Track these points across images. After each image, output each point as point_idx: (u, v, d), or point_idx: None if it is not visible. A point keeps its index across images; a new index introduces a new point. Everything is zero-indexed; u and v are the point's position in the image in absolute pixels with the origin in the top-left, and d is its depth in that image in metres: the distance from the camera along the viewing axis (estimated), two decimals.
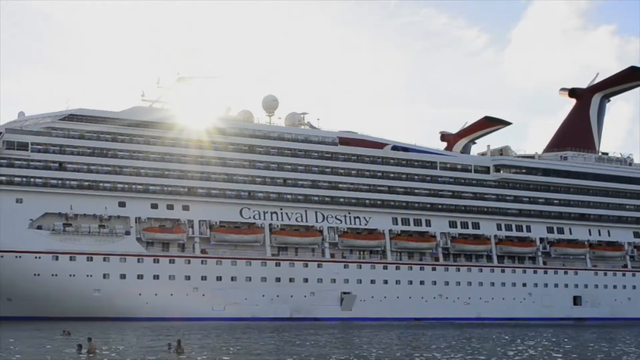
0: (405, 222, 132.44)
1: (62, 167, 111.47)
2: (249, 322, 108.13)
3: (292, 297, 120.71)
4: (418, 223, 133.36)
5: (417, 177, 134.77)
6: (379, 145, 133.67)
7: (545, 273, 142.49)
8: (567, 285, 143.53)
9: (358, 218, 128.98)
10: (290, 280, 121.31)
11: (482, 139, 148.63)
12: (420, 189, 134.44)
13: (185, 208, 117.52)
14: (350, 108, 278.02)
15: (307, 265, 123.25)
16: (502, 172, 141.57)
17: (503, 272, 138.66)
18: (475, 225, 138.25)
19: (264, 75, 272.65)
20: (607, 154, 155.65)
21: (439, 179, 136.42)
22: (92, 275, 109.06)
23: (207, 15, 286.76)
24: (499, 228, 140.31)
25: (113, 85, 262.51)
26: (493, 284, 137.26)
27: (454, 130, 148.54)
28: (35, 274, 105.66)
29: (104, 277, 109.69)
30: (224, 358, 52.87)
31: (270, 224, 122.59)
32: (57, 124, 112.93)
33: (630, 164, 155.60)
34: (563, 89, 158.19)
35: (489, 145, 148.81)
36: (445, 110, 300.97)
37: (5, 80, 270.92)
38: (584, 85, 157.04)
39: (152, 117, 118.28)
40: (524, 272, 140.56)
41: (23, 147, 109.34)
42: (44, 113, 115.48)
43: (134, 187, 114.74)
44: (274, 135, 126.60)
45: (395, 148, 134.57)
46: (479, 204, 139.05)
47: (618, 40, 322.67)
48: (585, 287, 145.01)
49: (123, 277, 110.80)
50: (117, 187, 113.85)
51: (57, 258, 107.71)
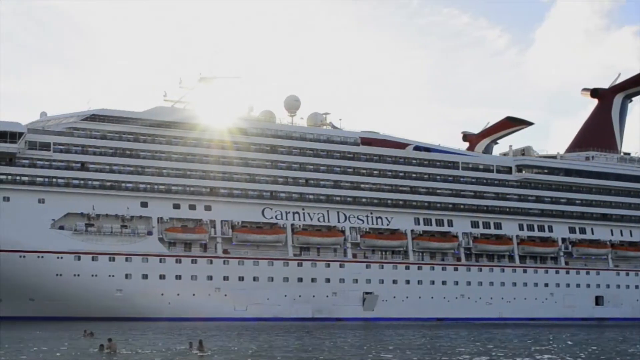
0: (428, 222, 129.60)
1: (84, 167, 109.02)
2: (271, 322, 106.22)
3: (314, 297, 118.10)
4: (440, 223, 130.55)
5: (439, 177, 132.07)
6: (401, 146, 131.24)
7: (567, 273, 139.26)
8: (589, 286, 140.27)
9: (380, 218, 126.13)
10: (313, 281, 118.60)
11: (504, 139, 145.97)
12: (443, 189, 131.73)
13: (208, 208, 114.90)
14: (372, 108, 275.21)
15: (329, 266, 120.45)
16: (524, 172, 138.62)
17: (525, 272, 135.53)
18: (498, 226, 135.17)
19: (286, 76, 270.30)
20: (629, 154, 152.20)
21: (461, 179, 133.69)
22: (114, 276, 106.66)
23: (229, 15, 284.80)
24: (521, 228, 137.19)
25: (135, 85, 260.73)
26: (515, 284, 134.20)
27: (476, 131, 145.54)
28: (58, 274, 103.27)
29: (126, 277, 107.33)
30: (246, 358, 51.61)
31: (293, 224, 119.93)
32: (79, 124, 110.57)
33: None
34: (585, 89, 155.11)
35: (511, 146, 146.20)
36: (467, 111, 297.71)
37: (28, 80, 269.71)
38: (606, 86, 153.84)
39: (174, 117, 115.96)
40: (546, 272, 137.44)
41: (45, 147, 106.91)
42: (66, 113, 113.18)
43: (156, 187, 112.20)
44: (296, 136, 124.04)
45: (418, 148, 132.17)
46: (501, 204, 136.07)
47: None
48: (607, 287, 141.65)
49: (145, 277, 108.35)
50: (139, 187, 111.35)
51: (79, 258, 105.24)
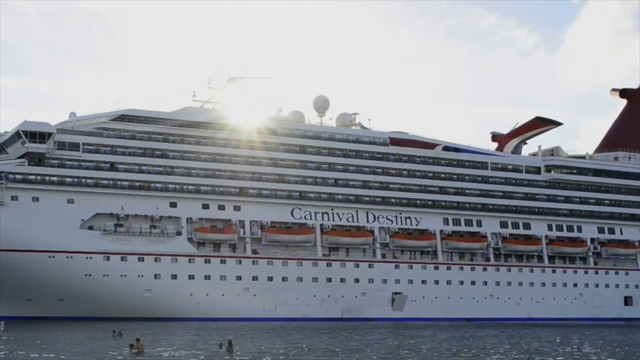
0: (457, 222, 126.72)
1: (113, 167, 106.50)
2: (300, 322, 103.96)
3: (343, 297, 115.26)
4: (469, 223, 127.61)
5: (468, 177, 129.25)
6: (430, 146, 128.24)
7: (596, 273, 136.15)
8: (617, 286, 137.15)
9: (409, 218, 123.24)
10: (342, 281, 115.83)
11: (533, 140, 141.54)
12: (472, 190, 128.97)
13: (237, 208, 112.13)
14: (401, 108, 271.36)
15: (358, 266, 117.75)
16: (553, 172, 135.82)
17: (554, 272, 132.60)
18: (526, 226, 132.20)
19: (315, 76, 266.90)
20: None
21: (490, 180, 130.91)
22: (143, 276, 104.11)
23: (258, 16, 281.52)
24: (550, 228, 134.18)
25: (164, 86, 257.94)
26: (544, 285, 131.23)
27: (505, 131, 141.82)
28: (87, 275, 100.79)
29: (155, 277, 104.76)
30: (277, 358, 50.32)
31: (322, 225, 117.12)
32: (108, 125, 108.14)
33: None
34: (614, 90, 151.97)
35: (540, 146, 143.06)
36: (496, 111, 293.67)
37: (57, 81, 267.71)
38: (636, 86, 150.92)
39: (203, 117, 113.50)
40: (575, 272, 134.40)
41: (74, 147, 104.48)
42: (95, 113, 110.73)
43: (185, 187, 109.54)
44: (325, 136, 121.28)
45: (447, 148, 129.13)
46: (530, 205, 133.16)
47: None
48: (636, 287, 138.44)
49: (174, 277, 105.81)
50: (168, 187, 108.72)
51: (108, 258, 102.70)
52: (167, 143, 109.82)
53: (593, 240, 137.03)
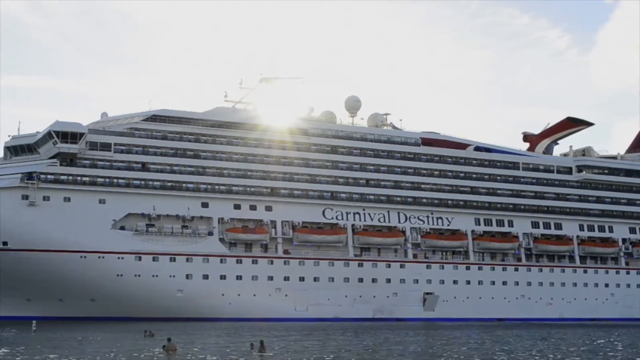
0: (488, 222, 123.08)
1: (145, 167, 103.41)
2: (332, 322, 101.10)
3: (374, 297, 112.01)
4: (500, 224, 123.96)
5: (499, 177, 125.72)
6: (462, 146, 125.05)
7: (628, 274, 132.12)
8: None
9: (440, 218, 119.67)
10: (373, 281, 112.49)
11: (564, 140, 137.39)
12: (503, 190, 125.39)
13: (268, 209, 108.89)
14: (433, 108, 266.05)
15: (389, 266, 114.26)
16: (584, 172, 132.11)
17: (585, 272, 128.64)
18: (558, 226, 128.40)
19: (347, 76, 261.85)
20: None
21: (522, 180, 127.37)
22: (175, 276, 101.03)
23: (290, 16, 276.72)
24: (582, 229, 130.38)
25: (196, 86, 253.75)
26: (575, 285, 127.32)
27: (537, 131, 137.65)
28: (118, 275, 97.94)
29: (187, 277, 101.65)
30: (308, 359, 49.40)
31: (353, 225, 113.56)
32: (140, 125, 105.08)
33: None
34: None
35: (572, 146, 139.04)
36: (528, 111, 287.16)
37: (88, 81, 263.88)
38: None
39: (235, 117, 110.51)
40: (606, 272, 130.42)
41: (106, 147, 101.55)
42: (127, 114, 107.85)
43: (217, 187, 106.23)
44: (357, 136, 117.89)
45: (478, 149, 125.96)
46: (562, 205, 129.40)
47: None
48: None
49: (206, 277, 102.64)
50: (200, 187, 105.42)
51: (140, 259, 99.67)
52: (198, 143, 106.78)
53: (624, 241, 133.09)
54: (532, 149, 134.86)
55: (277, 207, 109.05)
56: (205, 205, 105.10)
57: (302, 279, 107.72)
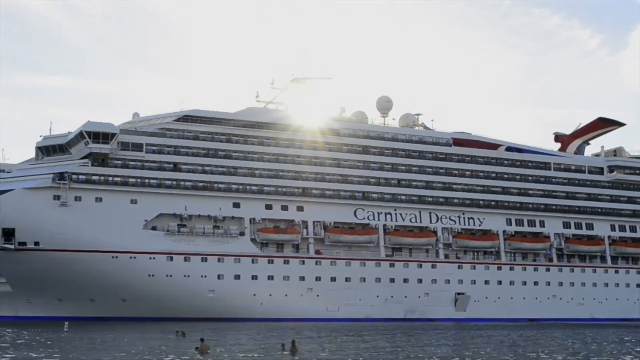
0: (519, 222, 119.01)
1: (176, 167, 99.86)
2: (363, 322, 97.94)
3: (406, 297, 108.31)
4: (532, 224, 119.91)
5: (531, 178, 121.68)
6: (493, 146, 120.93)
7: None
8: None
9: (472, 219, 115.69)
10: (405, 281, 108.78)
11: (596, 140, 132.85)
12: (534, 190, 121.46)
13: (300, 209, 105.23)
14: (464, 109, 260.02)
15: (421, 266, 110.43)
16: (616, 173, 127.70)
17: (617, 272, 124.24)
18: (589, 226, 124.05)
19: (378, 76, 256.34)
20: None
21: (553, 180, 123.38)
22: (206, 276, 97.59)
23: (321, 16, 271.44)
24: (613, 229, 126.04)
25: (227, 86, 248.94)
26: (607, 285, 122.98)
27: (568, 131, 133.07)
28: (150, 275, 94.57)
29: (219, 277, 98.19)
30: (340, 359, 47.62)
31: (385, 225, 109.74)
32: (171, 125, 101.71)
33: None
34: None
35: (603, 146, 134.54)
36: (559, 111, 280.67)
37: (120, 81, 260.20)
38: None
39: (266, 118, 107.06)
40: (638, 272, 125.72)
41: (138, 148, 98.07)
42: (159, 114, 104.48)
43: (249, 187, 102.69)
44: (388, 136, 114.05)
45: (510, 149, 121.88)
46: (593, 205, 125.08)
47: None
48: None
49: (237, 277, 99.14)
50: (231, 187, 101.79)
51: (171, 259, 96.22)
52: (230, 143, 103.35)
53: None
54: (563, 149, 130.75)
55: (308, 207, 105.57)
56: (237, 206, 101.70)
57: (333, 279, 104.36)
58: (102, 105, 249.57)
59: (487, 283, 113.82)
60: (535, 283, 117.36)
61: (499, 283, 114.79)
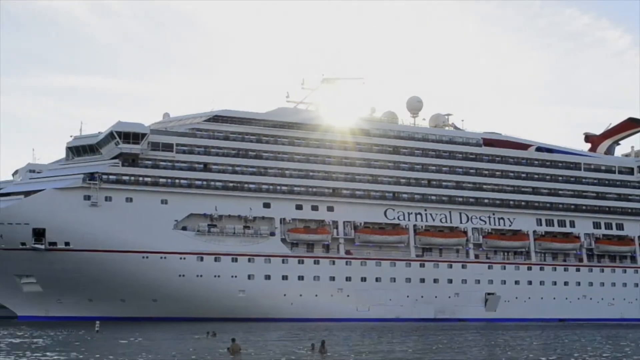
0: (550, 223, 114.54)
1: (206, 168, 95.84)
2: (393, 322, 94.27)
3: (436, 297, 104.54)
4: (562, 224, 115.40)
5: (561, 178, 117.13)
6: (523, 147, 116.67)
7: None
8: None
9: (502, 219, 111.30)
10: (435, 281, 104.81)
11: (626, 140, 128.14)
12: (565, 190, 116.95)
13: (330, 209, 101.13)
14: (494, 109, 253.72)
15: (451, 266, 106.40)
16: None
17: None
18: (619, 226, 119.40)
19: (409, 77, 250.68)
20: None
21: (583, 180, 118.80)
22: (236, 276, 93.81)
23: (351, 16, 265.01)
24: None
25: (257, 86, 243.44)
26: (637, 285, 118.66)
27: (598, 131, 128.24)
28: (180, 275, 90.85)
29: (249, 277, 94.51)
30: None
31: (415, 225, 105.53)
32: (201, 125, 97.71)
33: None
34: None
35: (633, 147, 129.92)
36: (589, 111, 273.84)
37: (150, 82, 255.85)
38: None
39: (296, 118, 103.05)
40: None
41: (168, 148, 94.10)
42: (189, 114, 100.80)
43: (279, 188, 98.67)
44: (419, 137, 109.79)
45: (540, 149, 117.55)
46: (623, 205, 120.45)
47: None
48: None
49: (268, 277, 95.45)
50: (261, 188, 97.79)
51: (202, 259, 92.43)
52: (260, 144, 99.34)
53: None
54: (593, 150, 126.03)
55: (339, 207, 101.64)
56: (267, 206, 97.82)
57: (363, 279, 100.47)
58: (132, 106, 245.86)
59: (517, 283, 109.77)
60: (566, 283, 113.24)
61: (529, 283, 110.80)
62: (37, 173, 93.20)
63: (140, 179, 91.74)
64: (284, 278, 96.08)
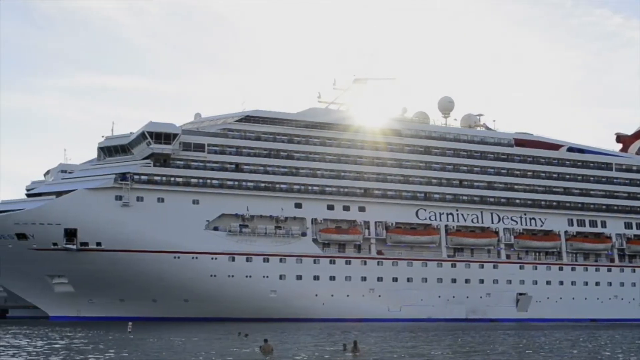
0: (581, 223, 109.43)
1: (238, 168, 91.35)
2: (425, 323, 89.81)
3: (467, 298, 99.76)
4: (593, 224, 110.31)
5: (592, 178, 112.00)
6: (555, 147, 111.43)
7: None
8: None
9: (534, 219, 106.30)
10: (466, 282, 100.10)
11: None
12: (596, 191, 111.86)
13: (362, 209, 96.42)
14: (526, 109, 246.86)
15: (483, 267, 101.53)
16: None
17: None
18: None
19: (440, 77, 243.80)
20: None
21: (615, 181, 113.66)
22: (268, 277, 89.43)
23: (383, 17, 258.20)
24: None
25: (289, 87, 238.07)
26: None
27: (630, 132, 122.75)
28: (212, 275, 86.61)
29: (280, 278, 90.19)
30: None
31: (446, 225, 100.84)
32: (233, 126, 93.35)
33: None
34: None
35: None
36: (621, 111, 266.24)
37: (182, 82, 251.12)
38: None
39: (328, 118, 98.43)
40: None
41: (200, 148, 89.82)
42: (220, 114, 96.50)
43: (310, 188, 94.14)
44: (450, 137, 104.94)
45: (571, 149, 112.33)
46: None
47: None
48: None
49: (299, 278, 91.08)
50: (293, 188, 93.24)
51: (233, 259, 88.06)
52: (292, 144, 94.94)
53: None
54: (625, 150, 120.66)
55: (370, 207, 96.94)
56: (299, 206, 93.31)
57: (395, 280, 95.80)
58: (164, 106, 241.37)
59: (548, 283, 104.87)
60: (597, 283, 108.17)
61: (561, 283, 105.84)
62: (68, 173, 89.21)
63: (172, 179, 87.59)
64: (316, 278, 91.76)
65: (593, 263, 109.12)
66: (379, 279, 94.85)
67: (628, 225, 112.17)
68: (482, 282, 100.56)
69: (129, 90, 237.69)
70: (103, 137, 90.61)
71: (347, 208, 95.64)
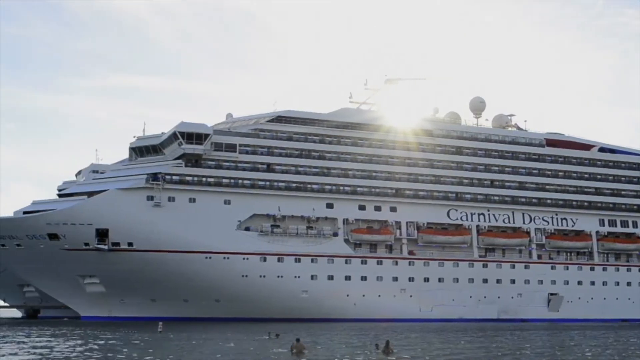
0: (612, 223, 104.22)
1: (270, 168, 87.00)
2: (457, 323, 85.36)
3: (499, 298, 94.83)
4: (625, 224, 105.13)
5: (624, 178, 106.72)
6: (586, 147, 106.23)
7: None
8: None
9: (565, 219, 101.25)
10: (498, 282, 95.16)
11: None
12: (628, 191, 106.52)
13: (393, 209, 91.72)
14: (557, 109, 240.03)
15: (514, 267, 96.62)
16: None
17: None
18: None
19: (472, 77, 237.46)
20: None
21: None
22: (299, 277, 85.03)
23: (414, 17, 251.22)
24: None
25: (321, 87, 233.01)
26: None
27: None
28: (243, 275, 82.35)
29: (312, 278, 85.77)
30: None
31: (478, 226, 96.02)
32: (264, 126, 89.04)
33: None
34: None
35: None
36: None
37: (213, 82, 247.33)
38: None
39: (359, 118, 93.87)
40: None
41: (231, 148, 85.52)
42: (252, 115, 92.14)
43: (342, 188, 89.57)
44: (482, 137, 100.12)
45: (603, 149, 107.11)
46: None
47: None
48: None
49: (331, 278, 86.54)
50: (324, 188, 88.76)
51: (265, 259, 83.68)
52: (323, 144, 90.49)
53: None
54: None
55: (401, 207, 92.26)
56: (330, 206, 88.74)
57: (426, 280, 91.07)
58: (195, 106, 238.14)
59: (580, 284, 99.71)
60: (628, 284, 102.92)
61: (592, 284, 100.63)
62: (100, 173, 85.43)
63: (203, 180, 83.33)
64: (347, 278, 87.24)
65: (624, 263, 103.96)
66: (411, 279, 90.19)
67: None
68: (513, 282, 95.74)
69: (161, 91, 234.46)
70: (135, 137, 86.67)
71: (378, 208, 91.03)
